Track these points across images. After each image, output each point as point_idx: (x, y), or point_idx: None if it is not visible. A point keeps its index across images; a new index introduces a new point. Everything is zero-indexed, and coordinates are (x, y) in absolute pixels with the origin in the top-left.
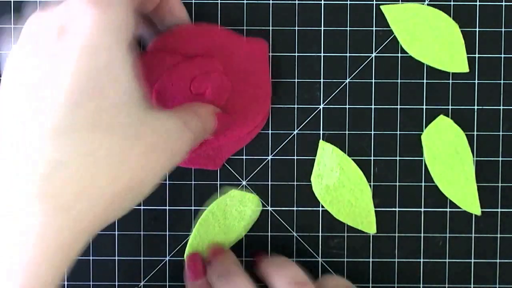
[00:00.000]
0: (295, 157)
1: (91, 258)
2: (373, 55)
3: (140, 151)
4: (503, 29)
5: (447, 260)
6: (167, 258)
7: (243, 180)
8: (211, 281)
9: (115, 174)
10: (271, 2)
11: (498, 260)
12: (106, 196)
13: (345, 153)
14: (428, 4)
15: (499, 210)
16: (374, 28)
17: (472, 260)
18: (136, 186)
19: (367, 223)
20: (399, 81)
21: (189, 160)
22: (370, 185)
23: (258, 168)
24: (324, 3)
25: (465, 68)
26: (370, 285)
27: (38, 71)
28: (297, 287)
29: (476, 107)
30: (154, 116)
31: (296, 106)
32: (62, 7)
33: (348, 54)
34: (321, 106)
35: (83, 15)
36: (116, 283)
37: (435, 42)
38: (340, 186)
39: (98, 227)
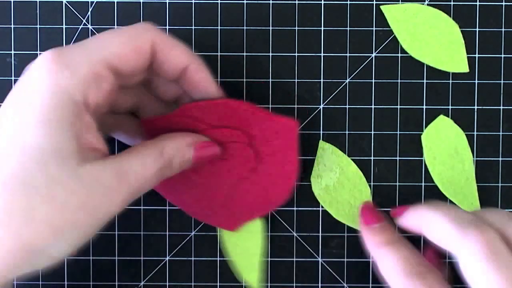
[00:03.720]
0: None
1: (91, 258)
2: (373, 55)
3: (49, 208)
4: (503, 29)
5: (447, 260)
6: (167, 258)
7: None
8: (371, 250)
9: (16, 231)
10: (271, 2)
11: None
12: (8, 253)
13: (345, 153)
14: (428, 4)
15: None
16: (374, 28)
17: None
18: (47, 244)
19: None
20: (399, 81)
21: (206, 217)
22: (370, 185)
23: None
24: (324, 3)
25: (465, 68)
26: (370, 285)
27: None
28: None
29: (476, 107)
30: (78, 170)
31: (296, 106)
32: (34, 63)
33: (348, 54)
34: (321, 106)
35: (34, 75)
36: (116, 283)
37: (435, 42)
38: (340, 186)
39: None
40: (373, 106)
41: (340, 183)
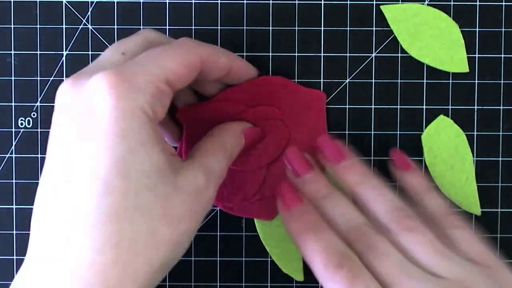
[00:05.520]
0: None
1: None
2: (373, 55)
3: (168, 227)
4: (503, 29)
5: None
6: None
7: None
8: (314, 201)
9: (148, 257)
10: (271, 2)
11: None
12: (143, 278)
13: None
14: (428, 4)
15: (499, 210)
16: (374, 28)
17: None
18: (169, 260)
19: None
20: (399, 81)
21: (241, 209)
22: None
23: None
24: (324, 3)
25: (465, 68)
26: None
27: (72, 155)
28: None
29: (476, 107)
30: (177, 181)
31: None
32: (90, 86)
33: (348, 54)
34: None
35: (105, 101)
36: None
37: (435, 42)
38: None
39: None
40: (373, 106)
41: None
